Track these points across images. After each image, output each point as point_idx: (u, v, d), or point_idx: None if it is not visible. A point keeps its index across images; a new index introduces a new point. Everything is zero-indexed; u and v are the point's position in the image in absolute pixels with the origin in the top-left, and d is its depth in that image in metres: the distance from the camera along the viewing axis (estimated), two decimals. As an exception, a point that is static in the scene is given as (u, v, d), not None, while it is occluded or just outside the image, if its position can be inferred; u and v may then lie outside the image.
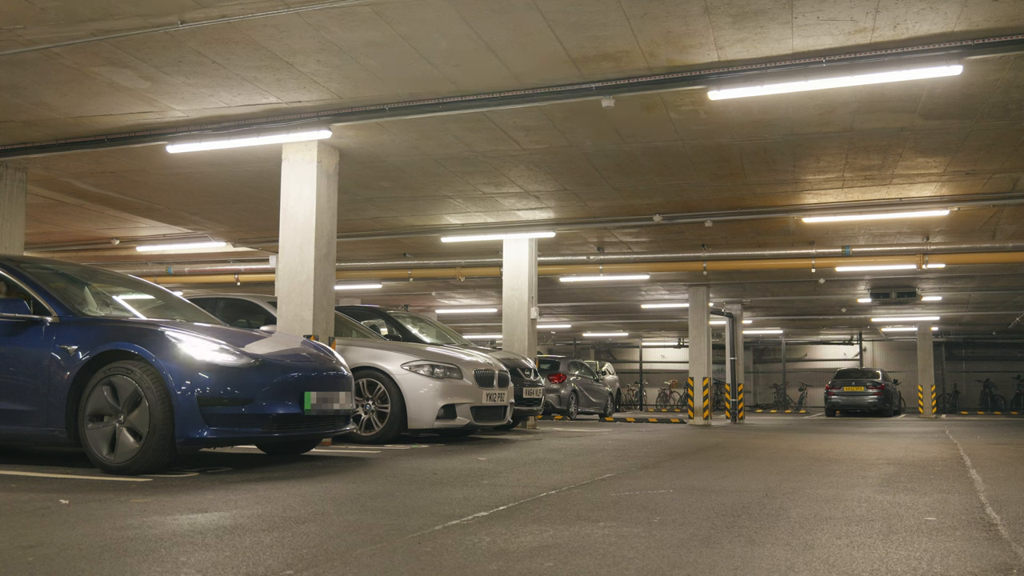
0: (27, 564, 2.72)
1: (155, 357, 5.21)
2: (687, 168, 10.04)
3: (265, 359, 5.65)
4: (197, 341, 5.40)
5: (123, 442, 5.19)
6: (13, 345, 5.57)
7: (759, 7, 5.93)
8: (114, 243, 15.44)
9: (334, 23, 6.22)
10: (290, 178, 8.81)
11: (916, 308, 24.18)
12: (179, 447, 5.23)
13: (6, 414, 5.51)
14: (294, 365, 5.85)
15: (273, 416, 5.49)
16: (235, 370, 5.41)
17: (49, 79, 7.37)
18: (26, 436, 5.58)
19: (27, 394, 5.47)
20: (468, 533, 3.36)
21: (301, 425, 5.75)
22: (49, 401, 5.38)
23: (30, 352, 5.51)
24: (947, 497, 4.52)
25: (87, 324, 5.58)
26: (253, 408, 5.39)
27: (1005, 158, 9.56)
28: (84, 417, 5.27)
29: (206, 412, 5.20)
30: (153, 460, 5.16)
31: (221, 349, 5.45)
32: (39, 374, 5.45)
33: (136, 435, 5.17)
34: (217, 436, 5.26)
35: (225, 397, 5.30)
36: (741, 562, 2.85)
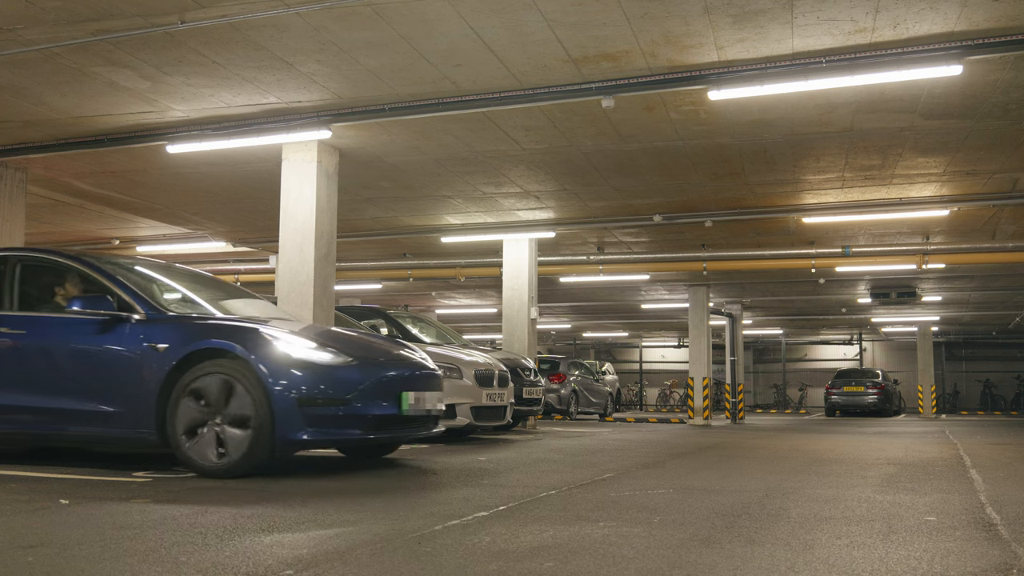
0: (27, 564, 2.72)
1: (253, 356, 4.99)
2: (687, 168, 10.04)
3: (362, 358, 5.43)
4: (293, 339, 5.19)
5: (224, 443, 4.97)
6: (97, 344, 5.35)
7: (759, 7, 5.93)
8: (114, 243, 15.44)
9: (334, 23, 6.22)
10: (290, 178, 8.81)
11: (916, 308, 24.18)
12: (279, 449, 5.02)
13: (91, 415, 5.28)
14: (389, 364, 5.59)
15: (371, 417, 5.25)
16: (333, 369, 5.18)
17: (49, 79, 7.37)
18: (112, 438, 5.37)
19: (113, 395, 5.25)
20: (468, 533, 3.36)
21: (396, 426, 5.50)
22: (137, 402, 5.16)
23: (116, 351, 5.29)
24: (947, 497, 4.52)
25: (175, 322, 5.38)
26: (351, 409, 5.15)
27: (1005, 158, 9.56)
28: (178, 419, 5.03)
29: (306, 413, 4.97)
30: (254, 463, 4.96)
31: (318, 347, 5.23)
32: (126, 374, 5.23)
33: (237, 437, 4.95)
34: (317, 438, 5.05)
35: (324, 397, 5.06)
36: (741, 562, 2.85)
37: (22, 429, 5.54)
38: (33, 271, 5.98)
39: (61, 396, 5.37)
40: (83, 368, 5.40)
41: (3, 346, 5.57)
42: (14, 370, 5.53)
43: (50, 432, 5.48)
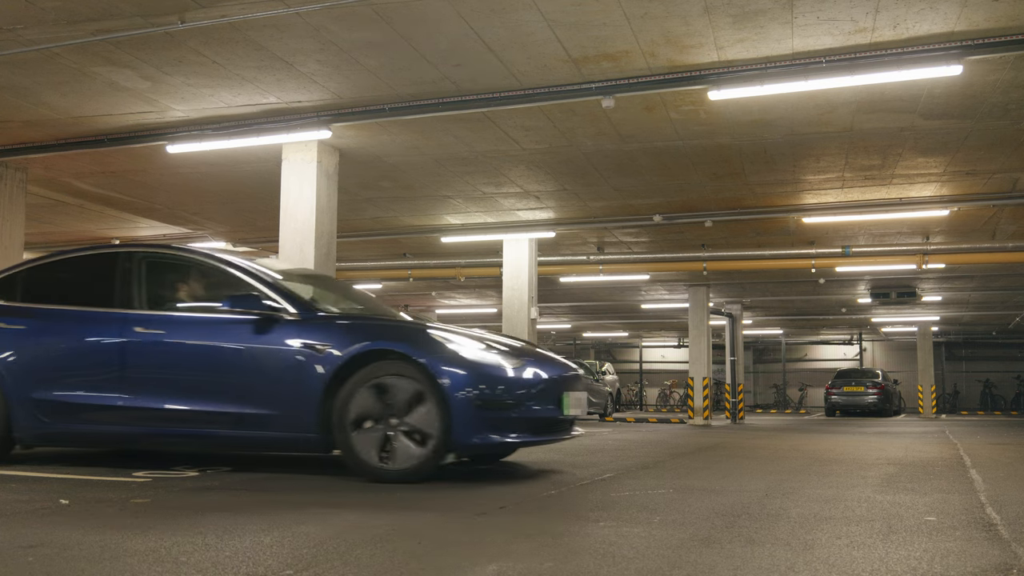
0: (27, 564, 2.72)
1: (428, 357, 4.80)
2: (687, 168, 10.04)
3: (527, 359, 5.23)
4: (463, 340, 5.02)
5: (400, 448, 4.78)
6: (250, 345, 5.14)
7: (759, 7, 5.93)
8: (114, 243, 15.43)
9: (334, 23, 6.22)
10: (290, 178, 8.81)
11: (916, 308, 24.18)
12: (456, 453, 4.89)
13: (248, 419, 5.07)
14: (549, 365, 5.37)
15: (537, 420, 5.06)
16: (506, 371, 4.99)
17: (49, 79, 7.37)
18: (270, 441, 5.15)
19: (270, 397, 5.05)
20: (467, 533, 3.36)
21: (554, 429, 5.29)
22: (297, 404, 4.96)
23: (271, 352, 5.07)
24: (947, 497, 4.52)
25: (332, 322, 5.21)
26: (523, 411, 4.97)
27: (1005, 158, 9.56)
28: (349, 422, 4.83)
29: (484, 416, 4.81)
30: (429, 467, 4.77)
31: (487, 348, 5.06)
32: (284, 376, 5.02)
33: (415, 441, 4.78)
34: (493, 441, 4.87)
35: (500, 400, 4.88)
36: (741, 562, 2.85)
37: (167, 433, 5.31)
38: (160, 268, 5.80)
39: (211, 399, 5.16)
40: (235, 370, 5.18)
41: (143, 347, 5.35)
42: (156, 372, 5.32)
43: (203, 435, 5.25)
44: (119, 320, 5.47)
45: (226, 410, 5.12)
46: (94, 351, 5.48)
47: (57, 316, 5.69)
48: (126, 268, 5.68)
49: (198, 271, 5.74)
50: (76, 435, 5.56)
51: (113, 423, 5.36)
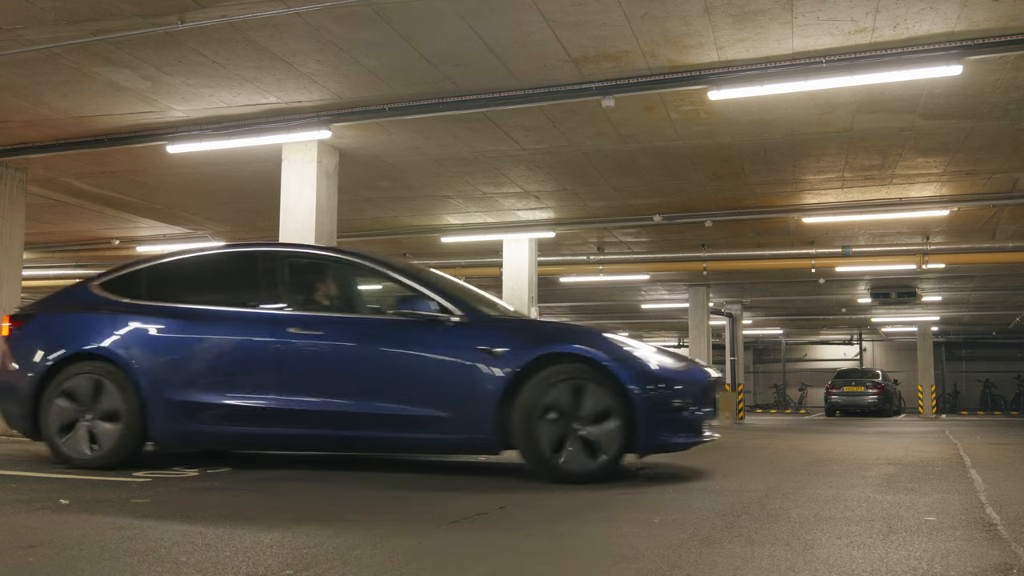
0: (27, 564, 2.72)
1: (609, 359, 4.86)
2: (687, 168, 10.04)
3: (688, 362, 5.33)
4: (634, 342, 5.11)
5: (583, 449, 4.84)
6: (422, 347, 5.12)
7: (759, 7, 5.93)
8: (114, 243, 15.44)
9: (334, 23, 6.22)
10: (290, 178, 8.81)
11: (916, 308, 24.17)
12: (637, 454, 4.98)
13: (421, 420, 5.05)
14: (703, 368, 5.47)
15: (700, 421, 5.11)
16: (677, 373, 5.07)
17: (49, 79, 7.37)
18: (442, 443, 5.16)
19: (445, 399, 5.03)
20: (468, 532, 3.36)
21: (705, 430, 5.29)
22: (473, 405, 4.95)
23: (445, 354, 5.08)
24: (947, 497, 4.52)
25: (505, 324, 5.28)
26: (693, 413, 5.05)
27: (1005, 158, 9.56)
28: (531, 423, 4.82)
29: (666, 418, 4.90)
30: (614, 467, 4.89)
31: (658, 351, 5.15)
32: (459, 378, 5.01)
33: (597, 442, 4.83)
34: (673, 442, 4.96)
35: (677, 402, 4.95)
36: (741, 562, 2.85)
37: (327, 435, 5.26)
38: (303, 269, 5.80)
39: (380, 401, 5.11)
40: (406, 371, 5.15)
41: (300, 348, 5.26)
42: (316, 374, 5.24)
43: (369, 438, 5.23)
44: (271, 321, 5.37)
45: (397, 412, 5.08)
46: (244, 352, 5.36)
47: (198, 316, 5.54)
48: (268, 268, 5.65)
49: (346, 272, 5.80)
50: (220, 436, 5.46)
51: (264, 425, 5.25)
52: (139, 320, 5.53)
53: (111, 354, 5.42)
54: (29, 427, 5.57)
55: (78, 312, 5.72)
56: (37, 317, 5.81)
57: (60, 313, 5.80)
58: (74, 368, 5.46)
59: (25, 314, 5.89)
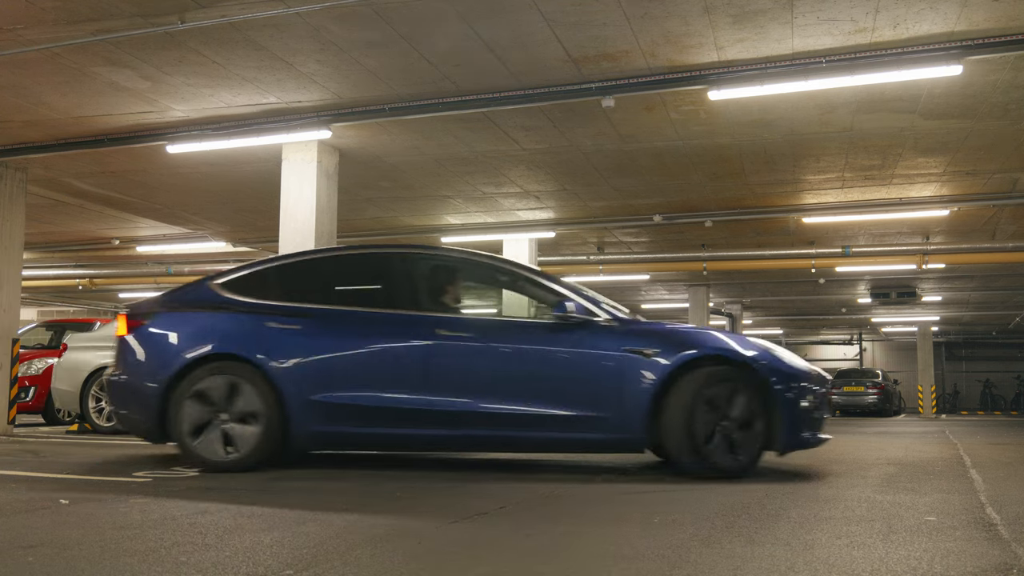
0: (27, 564, 2.72)
1: (758, 361, 5.10)
2: (687, 168, 10.04)
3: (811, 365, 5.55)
4: (774, 347, 5.33)
5: (732, 444, 5.04)
6: (576, 349, 5.24)
7: (759, 7, 5.93)
8: (114, 243, 15.45)
9: (334, 23, 6.22)
10: (290, 178, 8.81)
11: (916, 308, 24.18)
12: (777, 451, 5.18)
13: (572, 421, 5.14)
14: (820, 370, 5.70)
15: (824, 420, 5.38)
16: (810, 376, 5.29)
17: (49, 79, 7.37)
18: (594, 442, 5.29)
19: (599, 399, 5.14)
20: (470, 532, 3.36)
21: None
22: (625, 406, 5.09)
23: (599, 356, 5.18)
24: (947, 497, 4.52)
25: (649, 326, 5.42)
26: (820, 411, 5.31)
27: (1005, 158, 9.56)
28: (688, 421, 4.98)
29: (802, 416, 5.13)
30: (756, 463, 5.15)
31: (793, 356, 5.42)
32: (609, 378, 5.13)
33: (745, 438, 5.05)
34: (811, 440, 5.20)
35: (810, 400, 5.19)
36: (741, 562, 2.84)
37: (481, 435, 5.32)
38: (441, 271, 5.84)
39: (536, 402, 5.20)
40: (562, 373, 5.25)
41: (451, 349, 5.33)
42: (470, 376, 5.30)
43: (525, 438, 5.32)
44: (419, 322, 5.39)
45: (550, 413, 5.16)
46: (391, 353, 5.38)
47: (340, 316, 5.54)
48: (406, 269, 5.70)
49: (483, 274, 5.95)
50: (363, 438, 5.44)
51: (410, 426, 5.28)
52: (275, 320, 5.45)
53: (248, 355, 5.31)
54: (153, 429, 5.41)
55: (206, 311, 5.58)
56: (160, 316, 5.59)
57: (186, 312, 5.61)
58: (208, 368, 5.33)
59: (146, 312, 5.64)
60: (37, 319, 20.91)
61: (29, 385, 11.07)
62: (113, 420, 9.23)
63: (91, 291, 20.63)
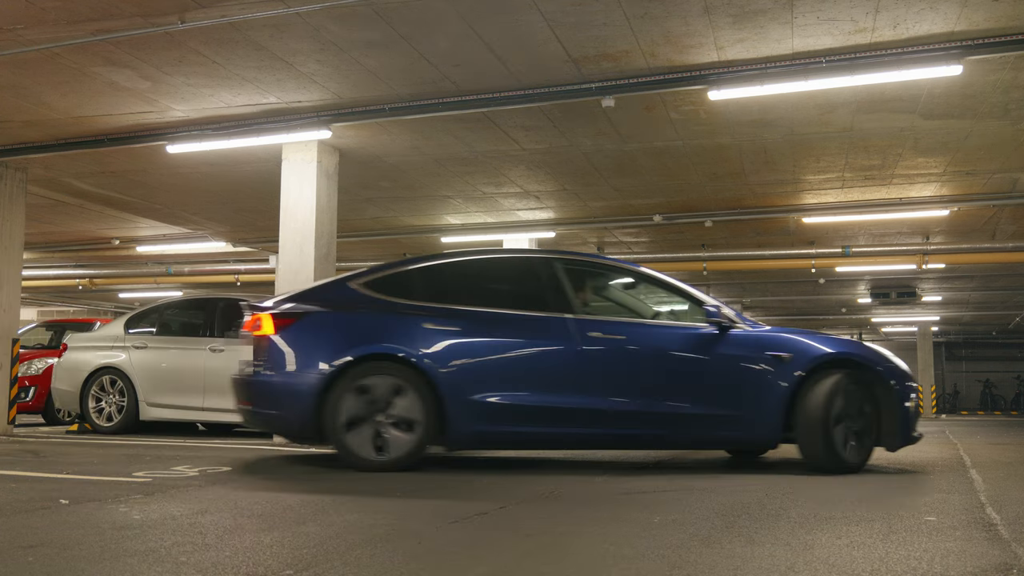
0: (27, 564, 2.72)
1: (881, 364, 5.68)
2: (687, 168, 10.04)
3: None
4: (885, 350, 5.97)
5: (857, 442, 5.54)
6: (721, 352, 5.58)
7: (759, 7, 5.93)
8: (114, 243, 15.45)
9: (334, 23, 6.22)
10: (290, 178, 8.81)
11: (916, 308, 24.17)
12: (888, 447, 5.74)
13: (716, 419, 5.53)
14: None
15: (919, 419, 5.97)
16: (913, 377, 5.93)
17: (49, 79, 7.37)
18: (733, 440, 5.84)
19: (737, 399, 5.51)
20: (469, 532, 3.36)
21: None
22: (763, 405, 5.47)
23: (737, 359, 5.55)
24: (947, 497, 4.52)
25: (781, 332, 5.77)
26: (919, 410, 5.91)
27: (1005, 158, 9.56)
28: (826, 421, 5.40)
29: (912, 415, 5.69)
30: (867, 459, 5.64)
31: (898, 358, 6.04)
32: (751, 380, 5.51)
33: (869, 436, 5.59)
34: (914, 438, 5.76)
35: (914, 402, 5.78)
36: (741, 562, 2.85)
37: (632, 433, 5.58)
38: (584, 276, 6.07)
39: (684, 402, 5.52)
40: (703, 374, 5.58)
41: (605, 352, 5.56)
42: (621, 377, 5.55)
43: (673, 436, 5.65)
44: (571, 325, 5.57)
45: (695, 412, 5.52)
46: (545, 355, 5.55)
47: (493, 319, 5.65)
48: (551, 273, 5.86)
49: (624, 280, 6.30)
50: (516, 436, 5.60)
51: (562, 425, 5.46)
52: (432, 322, 5.53)
53: (409, 355, 5.38)
54: (307, 428, 5.39)
55: (359, 311, 5.62)
56: (312, 315, 5.56)
57: (337, 312, 5.62)
58: (366, 368, 5.36)
59: (294, 312, 5.58)
60: (37, 319, 20.91)
61: (29, 385, 11.08)
62: (113, 417, 9.23)
63: (91, 291, 20.64)
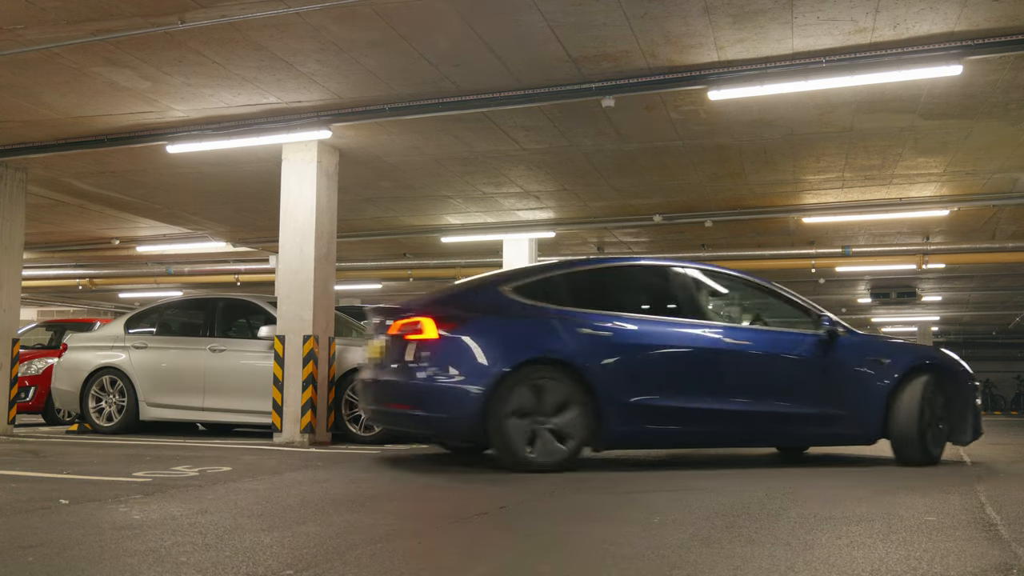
0: (27, 564, 2.72)
1: (958, 368, 6.41)
2: (687, 168, 10.04)
3: None
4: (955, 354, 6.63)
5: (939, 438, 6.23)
6: (836, 357, 6.15)
7: (759, 7, 5.93)
8: (114, 243, 15.45)
9: (334, 23, 6.22)
10: (290, 178, 8.81)
11: (916, 308, 24.17)
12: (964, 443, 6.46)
13: (828, 418, 6.09)
14: None
15: None
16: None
17: (49, 79, 7.37)
18: (839, 437, 6.33)
19: (844, 400, 6.08)
20: (468, 533, 3.36)
21: None
22: (866, 406, 6.07)
23: (846, 363, 6.14)
24: (947, 497, 4.52)
25: (878, 338, 6.63)
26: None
27: (1005, 158, 9.56)
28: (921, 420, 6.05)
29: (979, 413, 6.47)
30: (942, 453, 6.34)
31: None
32: (856, 382, 6.12)
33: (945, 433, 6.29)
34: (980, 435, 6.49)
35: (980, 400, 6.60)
36: (741, 562, 2.85)
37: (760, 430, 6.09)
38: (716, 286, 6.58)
39: (805, 402, 6.04)
40: (821, 377, 6.11)
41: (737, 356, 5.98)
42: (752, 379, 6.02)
43: (792, 433, 6.18)
44: (708, 331, 6.00)
45: (817, 411, 6.07)
46: (690, 359, 5.89)
47: (639, 324, 5.92)
48: (684, 283, 6.27)
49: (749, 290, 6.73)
50: (663, 436, 5.97)
51: (704, 425, 5.87)
52: (584, 327, 5.73)
53: (567, 358, 5.56)
54: (473, 430, 5.50)
55: (518, 317, 5.78)
56: (474, 320, 5.69)
57: (499, 317, 5.77)
58: (529, 372, 5.49)
59: (458, 316, 5.70)
60: (37, 319, 20.91)
61: (29, 385, 11.08)
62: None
63: (91, 291, 20.64)
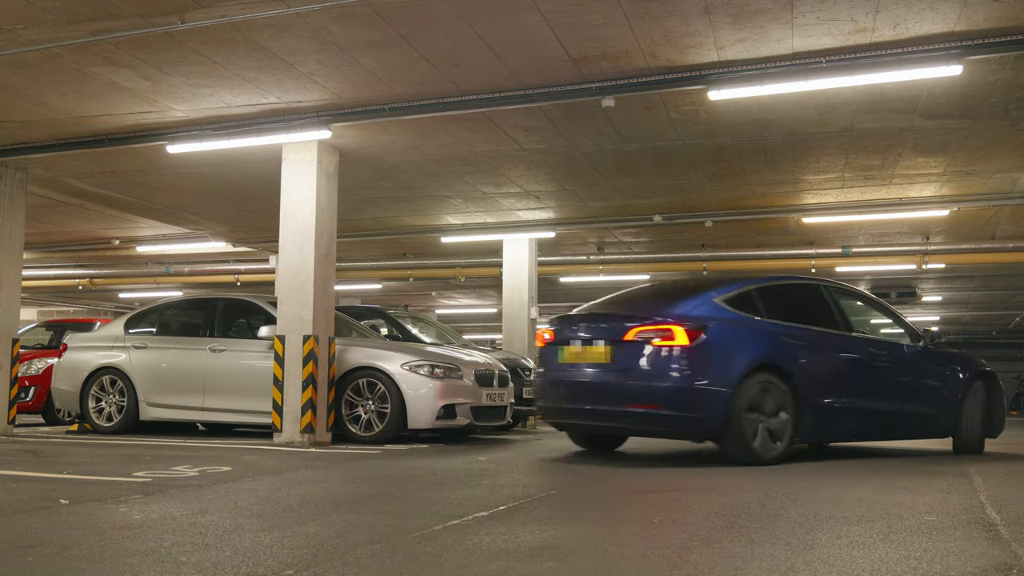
0: (27, 564, 2.72)
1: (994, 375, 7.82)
2: (687, 168, 10.04)
3: None
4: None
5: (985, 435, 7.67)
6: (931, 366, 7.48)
7: (759, 7, 5.93)
8: (114, 243, 15.45)
9: (334, 23, 6.22)
10: (290, 178, 8.81)
11: (916, 308, 24.18)
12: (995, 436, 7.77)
13: (927, 417, 7.32)
14: None
15: None
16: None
17: (49, 79, 7.37)
18: (927, 432, 7.42)
19: (935, 402, 7.38)
20: (468, 533, 3.36)
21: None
22: (948, 406, 7.40)
23: (937, 371, 7.48)
24: (947, 497, 4.52)
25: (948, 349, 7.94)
26: None
27: (1005, 158, 9.56)
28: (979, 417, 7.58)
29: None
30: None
31: None
32: (942, 388, 7.43)
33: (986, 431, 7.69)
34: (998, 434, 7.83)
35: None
36: (741, 562, 2.85)
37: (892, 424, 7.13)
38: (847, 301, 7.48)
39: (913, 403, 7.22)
40: (924, 383, 7.39)
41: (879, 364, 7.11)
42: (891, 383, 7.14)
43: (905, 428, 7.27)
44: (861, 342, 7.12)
45: (921, 411, 7.30)
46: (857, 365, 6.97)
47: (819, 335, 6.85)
48: (835, 300, 7.26)
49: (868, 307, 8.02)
50: (841, 432, 7.07)
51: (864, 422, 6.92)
52: (785, 336, 6.60)
53: (782, 365, 6.36)
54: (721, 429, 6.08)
55: (741, 326, 6.50)
56: (713, 329, 6.25)
57: (732, 326, 6.44)
58: (758, 377, 6.22)
59: (702, 326, 6.22)
60: (37, 319, 20.92)
61: (29, 385, 11.08)
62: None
63: (91, 291, 20.64)
